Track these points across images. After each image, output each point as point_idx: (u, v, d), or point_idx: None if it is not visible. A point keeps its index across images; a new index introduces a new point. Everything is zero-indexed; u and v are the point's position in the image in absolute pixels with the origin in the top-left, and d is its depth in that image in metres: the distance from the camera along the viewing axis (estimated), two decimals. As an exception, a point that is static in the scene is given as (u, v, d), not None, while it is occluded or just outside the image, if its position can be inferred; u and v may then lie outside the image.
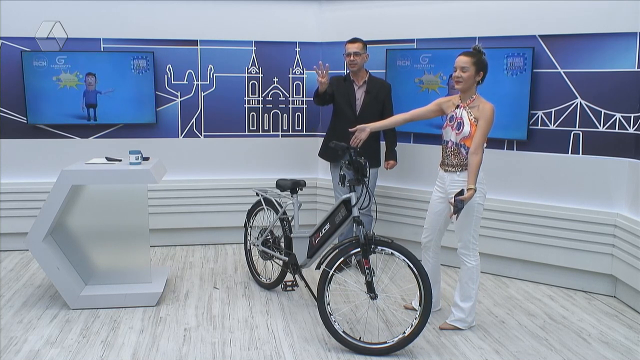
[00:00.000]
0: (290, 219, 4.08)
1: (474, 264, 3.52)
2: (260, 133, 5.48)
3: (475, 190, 3.32)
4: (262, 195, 4.28)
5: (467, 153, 3.42)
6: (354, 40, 4.48)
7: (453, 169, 3.50)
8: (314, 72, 4.32)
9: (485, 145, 3.43)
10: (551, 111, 4.33)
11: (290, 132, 5.53)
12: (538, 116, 4.37)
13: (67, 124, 5.09)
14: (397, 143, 4.62)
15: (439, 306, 3.87)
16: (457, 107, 3.50)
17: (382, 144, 4.63)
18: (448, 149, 3.52)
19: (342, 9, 5.25)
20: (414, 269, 3.22)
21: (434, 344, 3.39)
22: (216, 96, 5.35)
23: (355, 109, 4.49)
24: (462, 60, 3.40)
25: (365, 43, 4.48)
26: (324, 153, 4.69)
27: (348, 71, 4.61)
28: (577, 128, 4.24)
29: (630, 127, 4.03)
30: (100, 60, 5.04)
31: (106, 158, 4.08)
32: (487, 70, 3.46)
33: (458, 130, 3.45)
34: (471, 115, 3.42)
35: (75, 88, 5.04)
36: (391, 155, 4.63)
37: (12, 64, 4.95)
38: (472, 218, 3.45)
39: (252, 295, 4.16)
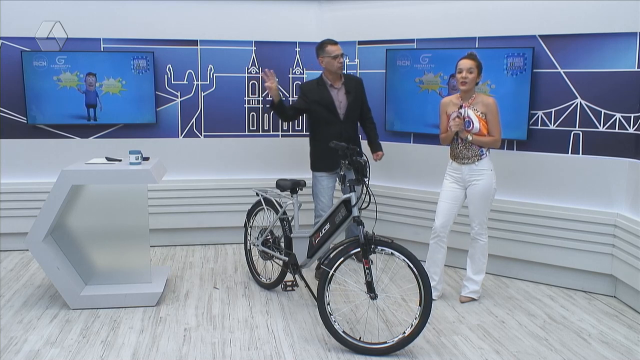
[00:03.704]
0: (290, 219, 4.07)
1: (486, 240, 3.95)
2: (260, 133, 5.48)
3: (470, 138, 3.73)
4: (262, 195, 4.28)
5: (478, 146, 3.78)
6: (336, 42, 4.29)
7: (469, 161, 3.82)
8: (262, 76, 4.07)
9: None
10: (551, 111, 4.32)
11: (290, 132, 5.53)
12: (538, 116, 4.37)
13: (67, 124, 5.09)
14: (397, 143, 4.61)
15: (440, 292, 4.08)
16: (461, 106, 3.79)
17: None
18: (460, 145, 3.84)
19: (342, 9, 5.25)
20: (414, 269, 3.22)
21: (434, 344, 3.39)
22: (216, 96, 5.35)
23: (339, 113, 4.33)
24: (468, 63, 3.74)
25: None
26: (317, 163, 4.44)
27: (320, 75, 4.42)
28: (577, 128, 4.24)
29: (630, 127, 4.03)
30: (100, 60, 5.04)
31: (106, 158, 4.08)
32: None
33: (468, 127, 3.76)
34: (478, 112, 3.76)
35: (76, 88, 5.04)
36: (377, 146, 4.49)
37: (12, 64, 4.95)
38: (488, 201, 3.86)
39: (252, 295, 4.16)
